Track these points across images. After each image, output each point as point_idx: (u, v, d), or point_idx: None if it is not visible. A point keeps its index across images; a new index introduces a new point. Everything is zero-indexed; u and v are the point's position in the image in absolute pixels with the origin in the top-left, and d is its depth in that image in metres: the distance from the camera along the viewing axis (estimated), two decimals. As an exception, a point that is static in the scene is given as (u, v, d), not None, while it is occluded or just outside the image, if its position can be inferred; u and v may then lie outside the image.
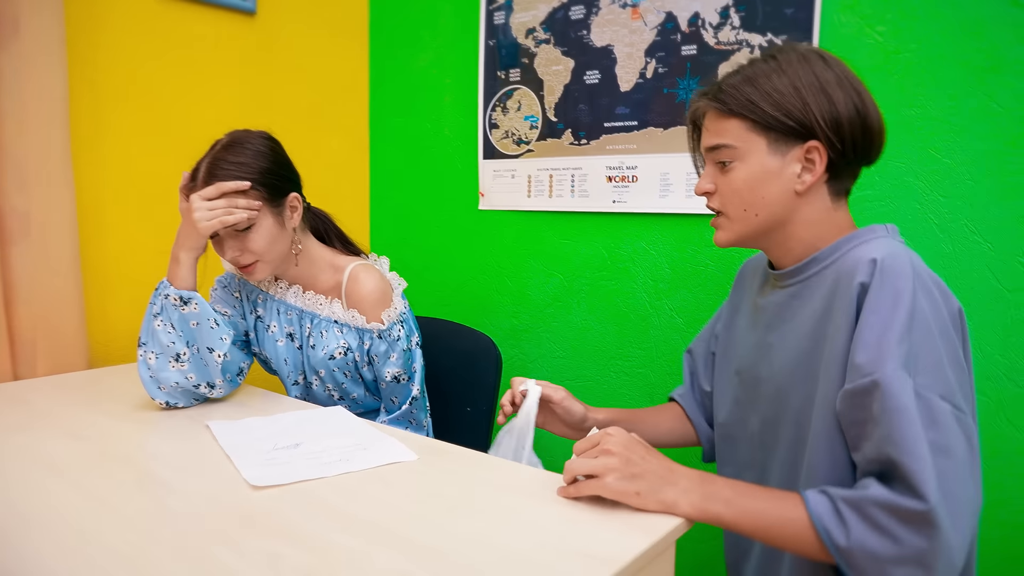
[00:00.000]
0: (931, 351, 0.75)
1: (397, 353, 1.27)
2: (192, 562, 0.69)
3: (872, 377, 0.74)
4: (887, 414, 0.72)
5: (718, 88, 0.91)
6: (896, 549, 0.70)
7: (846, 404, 0.78)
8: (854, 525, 0.72)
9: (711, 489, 0.80)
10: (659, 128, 1.57)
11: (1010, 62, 1.20)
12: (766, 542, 0.80)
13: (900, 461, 0.70)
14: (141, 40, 1.59)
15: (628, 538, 0.74)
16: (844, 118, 0.85)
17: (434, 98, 1.96)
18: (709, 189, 0.94)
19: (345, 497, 0.85)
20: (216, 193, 1.15)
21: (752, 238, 0.93)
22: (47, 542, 0.73)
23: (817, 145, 0.86)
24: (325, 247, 1.34)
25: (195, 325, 1.18)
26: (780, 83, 0.86)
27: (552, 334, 1.79)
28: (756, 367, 0.97)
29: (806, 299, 0.90)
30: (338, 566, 0.69)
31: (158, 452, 1.02)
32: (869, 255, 0.80)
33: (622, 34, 1.61)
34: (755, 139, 0.88)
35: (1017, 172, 1.20)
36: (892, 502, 0.70)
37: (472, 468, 0.97)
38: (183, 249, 1.18)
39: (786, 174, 0.88)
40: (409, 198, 2.04)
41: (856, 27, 1.34)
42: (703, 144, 0.95)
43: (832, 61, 0.88)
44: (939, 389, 0.73)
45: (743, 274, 1.13)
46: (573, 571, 0.68)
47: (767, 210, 0.90)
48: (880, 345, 0.74)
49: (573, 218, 1.73)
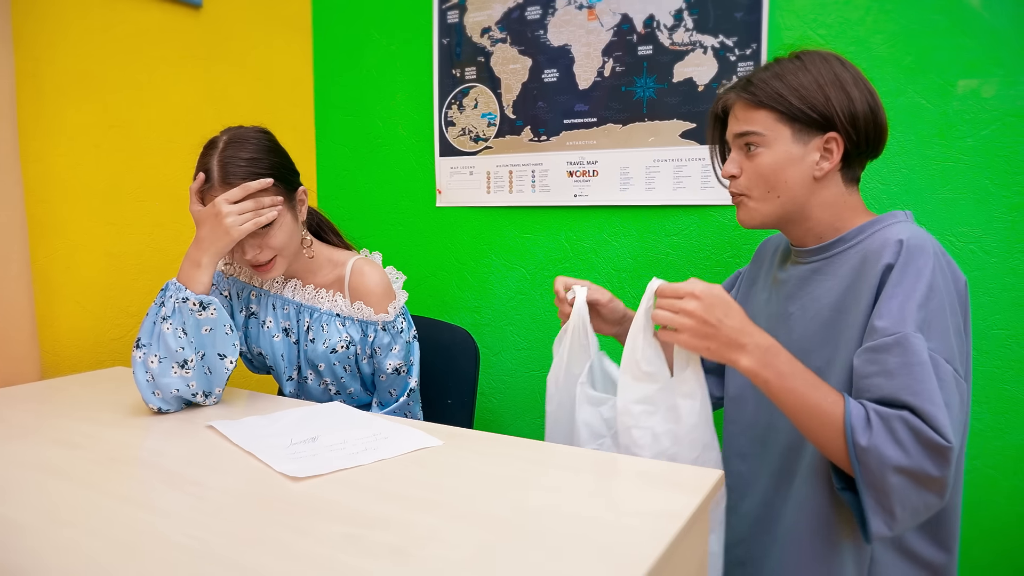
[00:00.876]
0: (942, 321, 0.86)
1: (400, 345, 1.28)
2: (272, 552, 0.68)
3: (895, 336, 0.84)
4: (909, 367, 0.82)
5: (747, 82, 1.01)
6: (904, 459, 0.81)
7: (863, 359, 0.88)
8: (877, 431, 0.82)
9: (771, 360, 0.90)
10: (618, 124, 1.65)
11: (935, 63, 1.36)
12: (794, 421, 0.90)
13: (922, 407, 0.81)
14: (87, 34, 1.50)
15: (680, 494, 0.80)
16: (860, 113, 0.96)
17: (385, 96, 1.96)
18: (735, 172, 1.03)
19: (393, 481, 0.86)
20: (242, 195, 1.12)
21: (773, 218, 1.03)
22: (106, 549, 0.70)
23: (835, 136, 0.97)
24: (322, 243, 1.34)
25: (207, 331, 1.14)
26: (805, 79, 0.96)
27: (515, 327, 1.83)
28: (774, 334, 1.05)
29: (829, 274, 1.00)
30: (424, 541, 0.70)
31: (169, 453, 0.98)
32: (896, 236, 0.90)
33: (579, 34, 1.67)
34: (781, 128, 0.98)
35: (946, 160, 1.36)
36: (919, 427, 0.80)
37: (505, 448, 0.99)
38: (207, 254, 1.13)
39: (807, 161, 0.98)
40: (361, 196, 2.02)
41: (800, 30, 1.47)
42: (731, 131, 1.04)
43: (847, 64, 0.99)
44: (945, 353, 0.85)
45: (763, 250, 1.22)
46: (645, 527, 0.72)
47: (788, 193, 1.00)
48: (902, 310, 0.85)
49: (534, 212, 1.78)
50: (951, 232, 1.36)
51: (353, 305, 1.27)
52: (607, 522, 0.74)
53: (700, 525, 0.81)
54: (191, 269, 1.14)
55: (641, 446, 0.97)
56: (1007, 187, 1.32)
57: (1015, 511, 1.35)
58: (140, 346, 1.12)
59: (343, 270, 1.29)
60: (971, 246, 1.35)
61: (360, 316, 1.27)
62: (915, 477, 0.81)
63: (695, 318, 0.91)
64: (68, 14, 1.47)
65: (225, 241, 1.13)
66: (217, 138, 1.18)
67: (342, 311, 1.28)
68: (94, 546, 0.70)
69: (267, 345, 1.31)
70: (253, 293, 1.33)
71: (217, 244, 1.13)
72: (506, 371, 1.85)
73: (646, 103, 1.62)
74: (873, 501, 0.83)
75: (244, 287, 1.34)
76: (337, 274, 1.30)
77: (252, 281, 1.34)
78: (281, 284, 1.32)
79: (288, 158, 1.24)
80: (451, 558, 0.66)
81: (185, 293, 1.12)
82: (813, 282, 1.02)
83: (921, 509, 0.83)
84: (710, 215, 1.58)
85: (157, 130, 1.64)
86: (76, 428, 1.07)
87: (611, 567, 0.64)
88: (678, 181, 1.60)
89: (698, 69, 1.56)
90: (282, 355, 1.31)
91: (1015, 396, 1.34)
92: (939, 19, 1.35)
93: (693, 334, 0.91)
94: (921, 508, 0.83)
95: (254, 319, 1.33)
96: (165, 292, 1.14)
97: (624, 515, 0.76)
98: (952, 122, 1.35)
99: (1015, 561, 1.36)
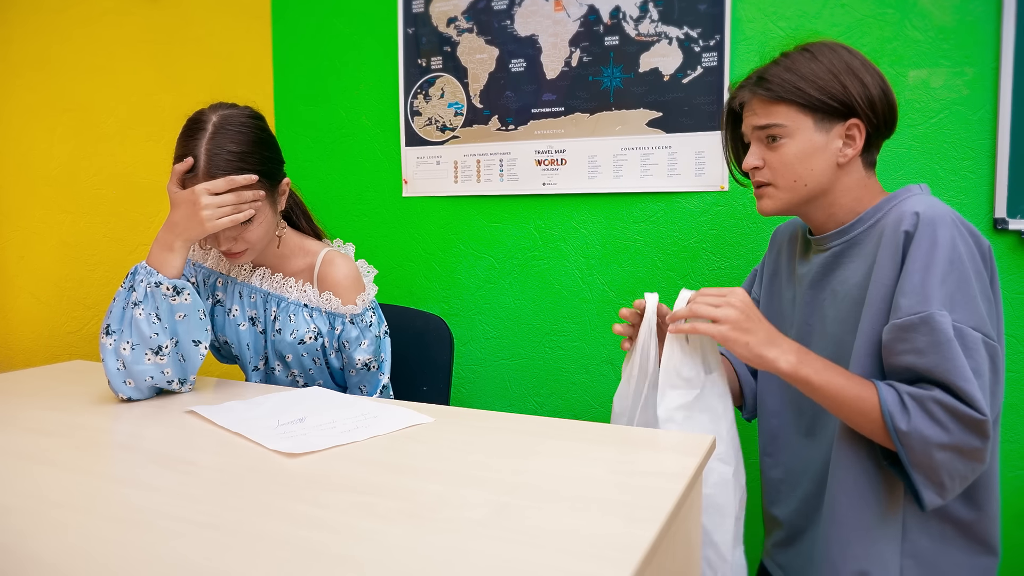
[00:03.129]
0: (966, 289, 0.89)
1: (368, 340, 1.25)
2: (287, 521, 0.67)
3: (921, 315, 0.87)
4: (937, 346, 0.86)
5: (760, 79, 1.03)
6: (946, 437, 0.86)
7: (893, 335, 0.91)
8: (915, 414, 0.87)
9: (806, 357, 0.94)
10: (586, 114, 1.68)
11: (887, 54, 1.43)
12: (837, 413, 0.94)
13: (955, 384, 0.85)
14: (41, 14, 1.44)
15: (679, 456, 0.82)
16: (876, 97, 0.99)
17: (349, 86, 1.94)
18: (758, 164, 1.05)
19: (393, 454, 0.85)
20: (225, 187, 1.09)
21: (796, 206, 1.05)
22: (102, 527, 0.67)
23: (857, 122, 1.00)
24: (294, 231, 1.31)
25: (181, 317, 1.10)
26: (819, 69, 0.99)
27: (484, 315, 1.83)
28: (808, 322, 1.08)
29: (854, 256, 1.02)
30: (436, 506, 0.70)
31: (151, 437, 0.95)
32: (912, 208, 0.93)
33: (546, 24, 1.70)
34: (803, 119, 1.00)
35: (899, 147, 1.43)
36: (953, 405, 0.85)
37: (497, 423, 1.00)
38: (180, 239, 1.10)
39: (830, 149, 1.01)
40: (326, 188, 1.99)
41: (761, 22, 1.52)
42: (749, 124, 1.06)
43: (854, 51, 1.02)
44: (972, 321, 0.88)
45: (777, 240, 1.23)
46: (653, 485, 0.74)
47: (815, 180, 1.02)
48: (924, 287, 0.88)
49: (502, 201, 1.79)
50: (905, 215, 1.43)
51: (321, 296, 1.25)
52: (616, 482, 0.76)
53: (697, 485, 0.83)
54: (163, 252, 1.10)
55: None
56: (955, 172, 1.40)
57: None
58: (110, 333, 1.08)
59: (314, 259, 1.27)
60: (923, 228, 1.42)
61: (328, 307, 1.24)
62: (958, 451, 0.87)
63: (738, 310, 0.93)
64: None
65: (198, 231, 1.09)
66: (205, 118, 1.12)
67: (310, 301, 1.25)
68: (89, 524, 0.67)
69: (232, 334, 1.27)
70: (220, 280, 1.30)
71: (190, 232, 1.10)
72: (476, 360, 1.85)
73: (613, 92, 1.65)
74: (923, 477, 0.89)
75: (211, 274, 1.30)
76: (307, 263, 1.27)
77: (219, 268, 1.30)
78: (249, 272, 1.28)
79: (277, 148, 1.21)
80: (467, 518, 0.66)
81: (158, 277, 1.09)
82: (838, 266, 1.04)
83: (969, 475, 0.89)
84: (676, 201, 1.62)
85: (114, 115, 1.58)
86: (49, 417, 1.02)
87: (629, 522, 0.65)
88: (645, 169, 1.63)
89: (663, 59, 1.60)
90: (248, 344, 1.27)
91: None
92: (891, 13, 1.43)
93: (735, 327, 0.93)
94: (969, 474, 0.89)
95: (220, 307, 1.29)
96: (135, 276, 1.09)
97: (631, 475, 0.77)
98: (904, 111, 1.42)
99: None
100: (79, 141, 1.52)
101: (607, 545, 0.61)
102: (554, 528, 0.64)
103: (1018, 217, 1.35)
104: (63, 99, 1.49)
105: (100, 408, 1.07)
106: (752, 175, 1.08)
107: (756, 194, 1.09)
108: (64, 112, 1.49)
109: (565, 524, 0.65)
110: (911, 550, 0.96)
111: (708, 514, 0.95)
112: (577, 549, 0.60)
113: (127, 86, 1.61)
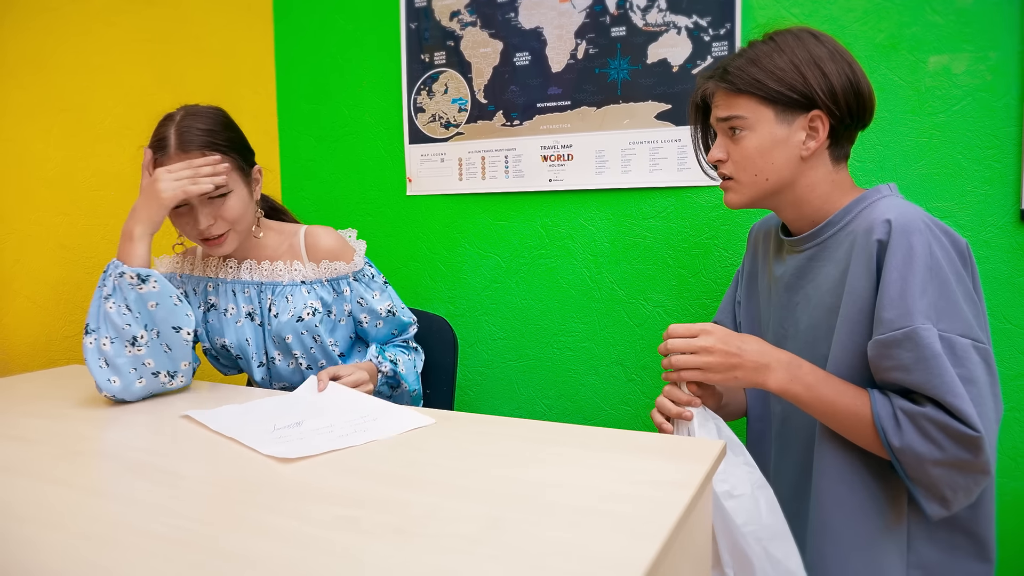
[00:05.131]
0: (949, 296, 0.85)
1: (378, 288, 1.30)
2: (261, 536, 0.63)
3: (904, 330, 0.84)
4: (924, 362, 0.83)
5: (724, 70, 1.00)
6: (940, 454, 0.83)
7: (878, 352, 0.87)
8: (907, 431, 0.84)
9: (797, 374, 0.91)
10: (592, 107, 1.63)
11: (906, 39, 1.37)
12: (831, 426, 0.91)
13: (945, 401, 0.82)
14: (36, 13, 1.42)
15: (685, 463, 0.77)
16: (839, 88, 0.95)
17: (351, 83, 1.90)
18: (722, 157, 1.03)
19: (386, 463, 0.81)
20: (184, 167, 1.10)
21: (761, 200, 1.03)
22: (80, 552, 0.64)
23: (819, 114, 0.96)
24: (270, 220, 1.32)
25: (154, 307, 1.08)
26: (781, 61, 0.96)
27: (491, 316, 1.79)
28: (783, 326, 1.06)
29: (825, 260, 0.99)
30: (425, 520, 0.65)
31: (138, 446, 0.91)
32: (883, 216, 0.90)
33: (551, 16, 1.65)
34: (764, 111, 0.97)
35: (919, 136, 1.37)
36: (946, 422, 0.82)
37: (499, 428, 0.95)
38: (140, 224, 1.09)
39: (793, 141, 0.98)
40: (329, 187, 1.96)
41: (774, 9, 1.47)
42: (715, 116, 1.03)
43: (823, 38, 0.98)
44: (959, 328, 0.85)
45: (754, 240, 1.21)
46: (657, 496, 0.69)
47: (776, 174, 0.99)
48: (905, 300, 0.85)
49: (508, 199, 1.75)
50: (926, 207, 1.36)
51: (320, 266, 1.26)
52: (618, 492, 0.71)
53: (706, 495, 0.78)
54: (126, 243, 1.11)
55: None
56: (979, 161, 1.34)
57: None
58: (89, 331, 1.08)
59: (295, 239, 1.28)
60: (946, 220, 1.35)
61: (330, 274, 1.26)
62: (955, 466, 0.83)
63: (716, 352, 0.91)
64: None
65: (155, 207, 1.09)
66: (173, 113, 1.17)
67: (307, 276, 1.26)
68: (57, 542, 0.63)
69: (232, 334, 1.26)
70: (210, 285, 1.29)
71: (149, 211, 1.10)
72: (482, 362, 1.81)
73: (620, 85, 1.60)
74: (923, 490, 0.86)
75: (200, 281, 1.30)
76: (291, 244, 1.28)
77: (206, 273, 1.29)
78: (236, 268, 1.27)
79: (244, 137, 1.23)
80: (457, 534, 0.62)
81: (121, 268, 1.08)
82: (811, 270, 1.02)
83: (973, 486, 0.85)
84: (687, 196, 1.57)
85: (112, 115, 1.56)
86: (34, 424, 0.99)
87: (629, 537, 0.61)
88: (654, 163, 1.58)
89: (672, 50, 1.54)
90: (248, 339, 1.26)
91: (992, 367, 1.35)
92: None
93: (719, 368, 0.91)
94: (973, 486, 0.85)
95: (214, 311, 1.28)
96: (106, 272, 1.10)
97: (633, 485, 0.73)
98: (924, 99, 1.37)
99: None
100: (76, 142, 1.50)
101: (603, 564, 0.56)
102: (548, 545, 0.60)
103: (1047, 208, 1.28)
104: (59, 99, 1.47)
105: (88, 414, 1.04)
106: (717, 167, 1.06)
107: (721, 186, 1.07)
108: (61, 112, 1.47)
109: (560, 540, 0.60)
110: (917, 561, 0.92)
111: (775, 544, 0.87)
112: (570, 569, 0.56)
113: (125, 86, 1.59)
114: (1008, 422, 1.35)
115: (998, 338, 1.34)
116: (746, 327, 1.19)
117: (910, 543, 0.92)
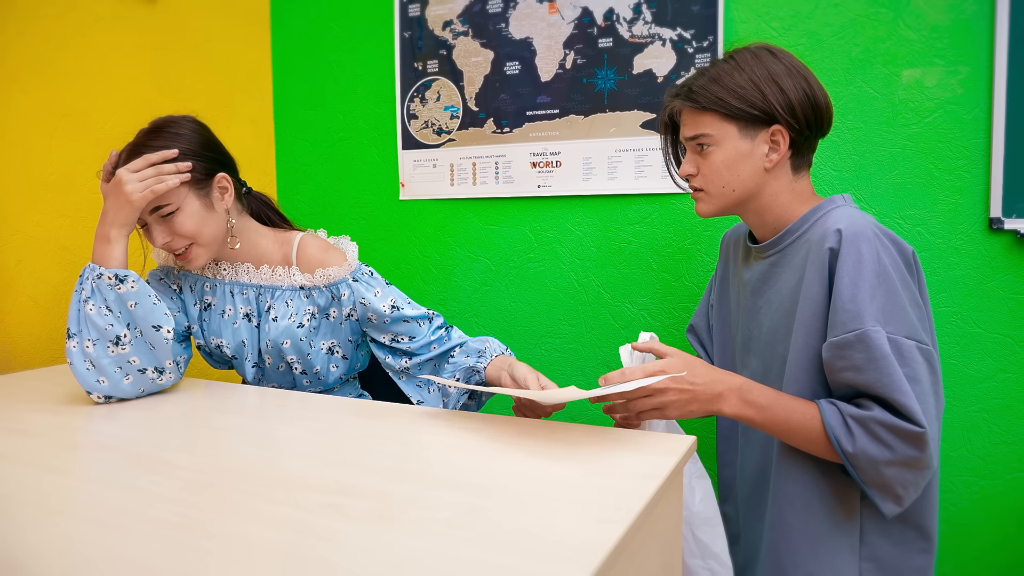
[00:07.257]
0: (895, 300, 0.91)
1: (380, 287, 1.26)
2: (252, 521, 0.68)
3: (856, 332, 0.90)
4: (875, 362, 0.88)
5: (688, 89, 1.06)
6: (890, 454, 0.88)
7: (832, 354, 0.93)
8: (859, 436, 0.90)
9: (748, 398, 0.96)
10: (580, 115, 1.68)
11: (881, 53, 1.42)
12: (787, 441, 0.96)
13: (892, 399, 0.87)
14: (37, 20, 1.46)
15: (656, 457, 0.82)
16: (796, 103, 1.01)
17: (346, 90, 1.95)
18: (692, 172, 1.09)
19: (369, 456, 0.86)
20: (143, 165, 1.11)
21: (729, 209, 1.09)
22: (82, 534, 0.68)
23: (780, 128, 1.02)
24: (266, 227, 1.32)
25: (133, 306, 1.11)
26: (741, 79, 1.01)
27: (481, 318, 1.84)
28: (748, 328, 1.12)
29: (784, 266, 1.05)
30: (406, 507, 0.70)
31: (134, 438, 0.95)
32: (834, 225, 0.96)
33: (540, 27, 1.70)
34: (727, 127, 1.03)
35: (893, 146, 1.42)
36: (893, 423, 0.88)
37: (479, 424, 1.00)
38: (113, 227, 1.12)
39: (756, 154, 1.04)
40: (323, 191, 2.01)
41: (754, 23, 1.52)
42: (683, 135, 1.10)
43: (781, 54, 1.04)
44: (905, 331, 0.91)
45: (725, 246, 1.28)
46: (625, 486, 0.74)
47: (742, 186, 1.05)
48: (855, 304, 0.90)
49: (498, 204, 1.79)
50: (899, 215, 1.42)
51: (315, 275, 1.26)
52: (588, 483, 0.75)
53: (676, 486, 0.83)
54: (101, 246, 1.12)
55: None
56: (950, 171, 1.39)
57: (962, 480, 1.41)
58: (71, 335, 1.10)
59: (290, 248, 1.29)
60: (918, 228, 1.41)
61: (326, 280, 1.26)
62: (905, 463, 0.89)
63: (670, 391, 0.95)
64: (20, 3, 1.42)
65: (127, 210, 1.11)
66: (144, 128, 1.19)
67: (305, 283, 1.27)
68: (61, 525, 0.68)
69: (228, 334, 1.28)
70: (207, 285, 1.31)
71: (120, 214, 1.11)
72: (472, 363, 1.85)
73: (607, 94, 1.65)
74: (878, 491, 0.92)
75: (197, 279, 1.31)
76: (285, 252, 1.29)
77: (204, 272, 1.32)
78: (233, 270, 1.30)
79: (210, 147, 1.22)
80: (436, 519, 0.67)
81: (99, 270, 1.11)
82: (773, 276, 1.08)
83: (920, 481, 0.91)
84: (671, 203, 1.61)
85: (112, 121, 1.60)
86: (33, 419, 1.03)
87: (597, 521, 0.65)
88: (639, 170, 1.63)
89: (657, 61, 1.59)
90: (243, 340, 1.28)
91: (960, 370, 1.40)
92: (884, 12, 1.42)
93: (675, 406, 0.96)
94: (920, 480, 0.91)
95: (210, 310, 1.30)
96: (83, 276, 1.12)
97: (603, 476, 0.77)
98: (898, 110, 1.42)
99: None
100: (77, 146, 1.54)
101: (571, 545, 0.61)
102: (521, 529, 0.64)
103: (1013, 216, 1.33)
104: (61, 104, 1.51)
105: (87, 409, 1.08)
106: (688, 180, 1.12)
107: (692, 197, 1.13)
108: (62, 117, 1.51)
109: (533, 525, 0.65)
110: (870, 554, 0.98)
111: (703, 529, 0.98)
112: (541, 550, 0.60)
113: (124, 91, 1.63)
114: (977, 423, 1.40)
115: (968, 342, 1.39)
116: (718, 330, 1.24)
117: (864, 537, 0.98)
